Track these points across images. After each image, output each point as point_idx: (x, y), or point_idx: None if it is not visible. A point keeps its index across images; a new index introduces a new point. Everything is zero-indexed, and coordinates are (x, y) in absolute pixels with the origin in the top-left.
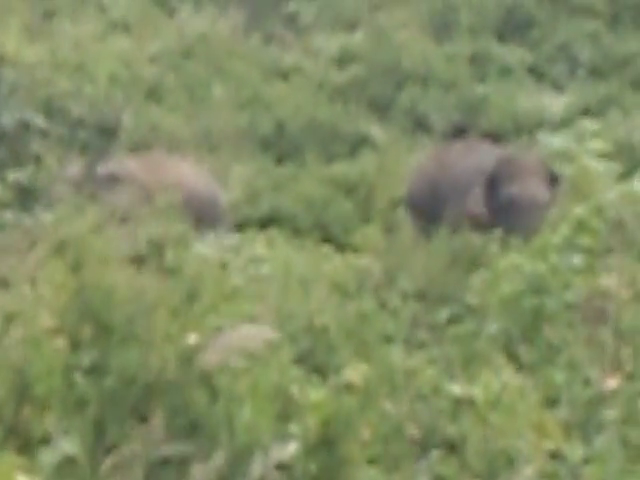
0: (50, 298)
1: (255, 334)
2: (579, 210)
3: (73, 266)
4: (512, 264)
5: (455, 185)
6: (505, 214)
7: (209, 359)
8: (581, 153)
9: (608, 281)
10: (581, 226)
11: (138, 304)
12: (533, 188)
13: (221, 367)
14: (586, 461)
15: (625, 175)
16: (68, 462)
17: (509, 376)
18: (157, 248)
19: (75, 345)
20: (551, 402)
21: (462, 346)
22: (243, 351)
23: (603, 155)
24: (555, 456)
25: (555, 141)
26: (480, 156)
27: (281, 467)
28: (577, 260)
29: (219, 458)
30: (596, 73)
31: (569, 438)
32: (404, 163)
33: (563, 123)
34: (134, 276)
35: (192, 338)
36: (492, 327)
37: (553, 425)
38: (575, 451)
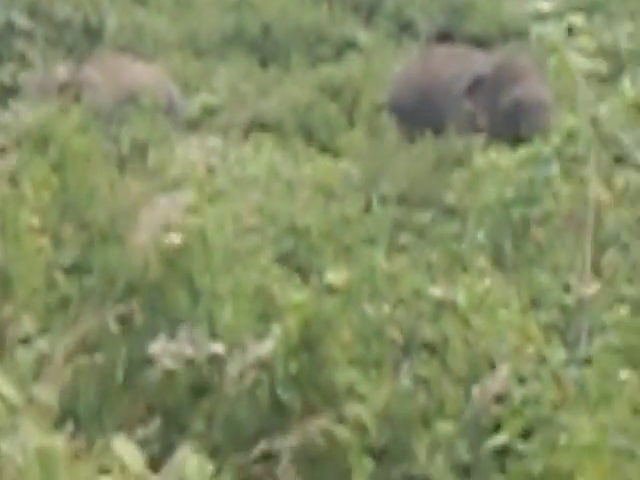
0: (32, 197)
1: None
2: (570, 120)
3: (55, 165)
4: (491, 163)
5: (445, 92)
6: (511, 117)
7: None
8: (567, 48)
9: (590, 185)
10: (571, 136)
11: (120, 204)
12: (537, 89)
13: (195, 262)
14: (571, 363)
15: (609, 77)
16: (44, 360)
17: (492, 279)
18: (140, 149)
19: (57, 244)
20: (533, 306)
21: (444, 249)
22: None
23: (589, 54)
24: (537, 359)
25: (546, 31)
26: (469, 63)
27: (261, 366)
28: (563, 168)
29: (199, 357)
30: None
31: (550, 341)
32: (389, 67)
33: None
34: (117, 176)
35: (174, 238)
36: (478, 232)
37: (535, 328)
38: (556, 354)
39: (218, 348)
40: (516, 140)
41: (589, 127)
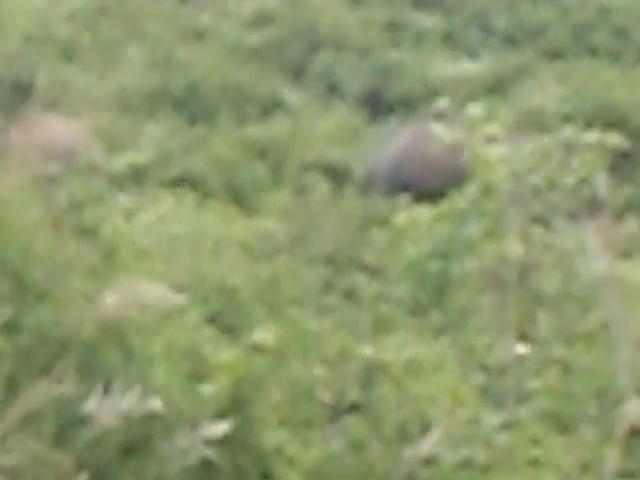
0: None
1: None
2: (485, 176)
3: None
4: (412, 220)
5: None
6: None
7: (112, 312)
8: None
9: (511, 246)
10: (486, 190)
11: (54, 263)
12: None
13: (127, 322)
14: (501, 428)
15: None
16: None
17: (425, 340)
18: (75, 208)
19: None
20: (465, 368)
21: (371, 309)
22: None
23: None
24: (470, 422)
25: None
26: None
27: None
28: (481, 225)
29: (134, 414)
30: (510, 41)
31: (483, 404)
32: (316, 127)
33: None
34: (52, 235)
35: (107, 297)
36: (399, 290)
37: (468, 391)
38: (489, 417)
39: (155, 404)
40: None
41: (507, 185)
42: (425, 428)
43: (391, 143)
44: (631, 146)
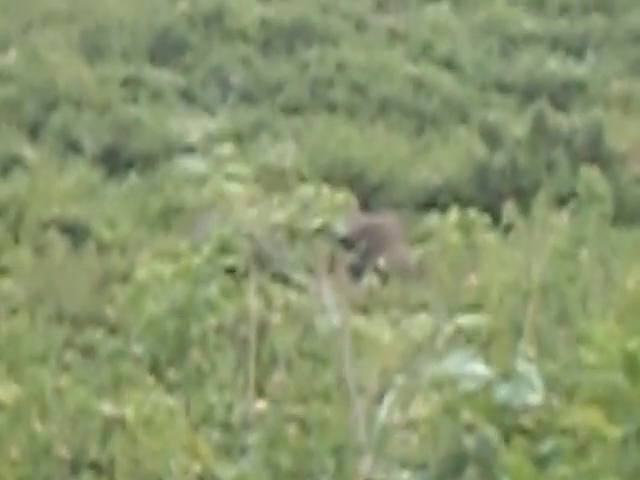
0: None
1: None
2: (221, 231)
3: None
4: (154, 276)
5: None
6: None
7: None
8: (218, 177)
9: (251, 303)
10: (224, 247)
11: None
12: (401, 254)
13: None
14: None
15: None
16: None
17: (159, 397)
18: None
19: None
20: (201, 424)
21: (111, 366)
22: None
23: (242, 179)
24: (205, 477)
25: (193, 165)
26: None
27: None
28: (222, 282)
29: None
30: (248, 97)
31: (219, 460)
32: (55, 184)
33: (206, 148)
34: None
35: None
36: (138, 348)
37: (203, 446)
38: (224, 472)
39: None
40: None
41: (244, 242)
42: None
43: None
44: (365, 202)
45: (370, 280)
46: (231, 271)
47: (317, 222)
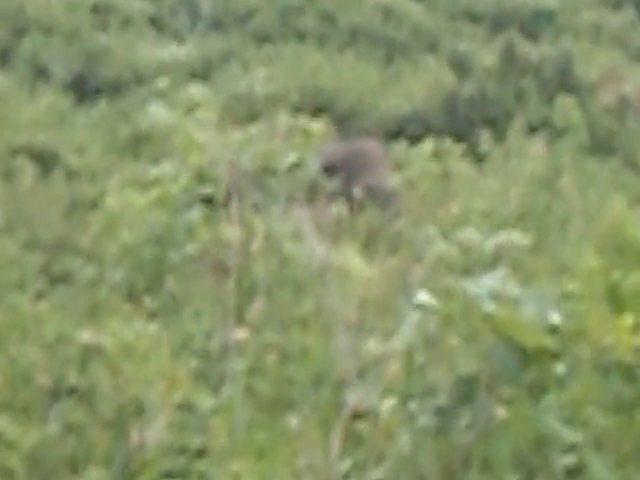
0: None
1: None
2: (196, 159)
3: None
4: (126, 205)
5: None
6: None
7: None
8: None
9: (229, 232)
10: (201, 176)
11: None
12: (385, 177)
13: None
14: (214, 411)
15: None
16: None
17: (139, 325)
18: None
19: None
20: (181, 352)
21: (87, 293)
22: None
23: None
24: (185, 406)
25: (161, 112)
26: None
27: None
28: (198, 211)
29: None
30: (217, 25)
31: (198, 388)
32: (24, 111)
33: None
34: None
35: None
36: (115, 275)
37: (183, 375)
38: (204, 401)
39: None
40: None
41: (220, 171)
42: (141, 412)
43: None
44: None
45: (340, 208)
46: (207, 201)
47: (294, 155)
